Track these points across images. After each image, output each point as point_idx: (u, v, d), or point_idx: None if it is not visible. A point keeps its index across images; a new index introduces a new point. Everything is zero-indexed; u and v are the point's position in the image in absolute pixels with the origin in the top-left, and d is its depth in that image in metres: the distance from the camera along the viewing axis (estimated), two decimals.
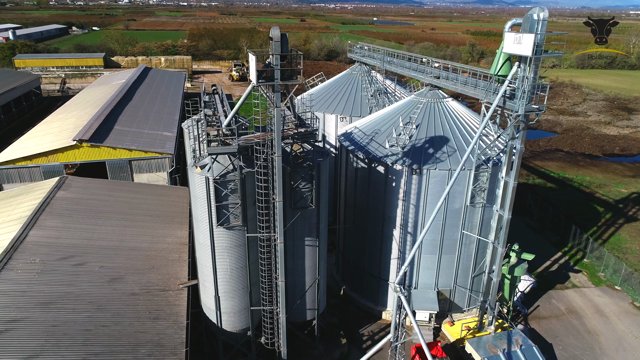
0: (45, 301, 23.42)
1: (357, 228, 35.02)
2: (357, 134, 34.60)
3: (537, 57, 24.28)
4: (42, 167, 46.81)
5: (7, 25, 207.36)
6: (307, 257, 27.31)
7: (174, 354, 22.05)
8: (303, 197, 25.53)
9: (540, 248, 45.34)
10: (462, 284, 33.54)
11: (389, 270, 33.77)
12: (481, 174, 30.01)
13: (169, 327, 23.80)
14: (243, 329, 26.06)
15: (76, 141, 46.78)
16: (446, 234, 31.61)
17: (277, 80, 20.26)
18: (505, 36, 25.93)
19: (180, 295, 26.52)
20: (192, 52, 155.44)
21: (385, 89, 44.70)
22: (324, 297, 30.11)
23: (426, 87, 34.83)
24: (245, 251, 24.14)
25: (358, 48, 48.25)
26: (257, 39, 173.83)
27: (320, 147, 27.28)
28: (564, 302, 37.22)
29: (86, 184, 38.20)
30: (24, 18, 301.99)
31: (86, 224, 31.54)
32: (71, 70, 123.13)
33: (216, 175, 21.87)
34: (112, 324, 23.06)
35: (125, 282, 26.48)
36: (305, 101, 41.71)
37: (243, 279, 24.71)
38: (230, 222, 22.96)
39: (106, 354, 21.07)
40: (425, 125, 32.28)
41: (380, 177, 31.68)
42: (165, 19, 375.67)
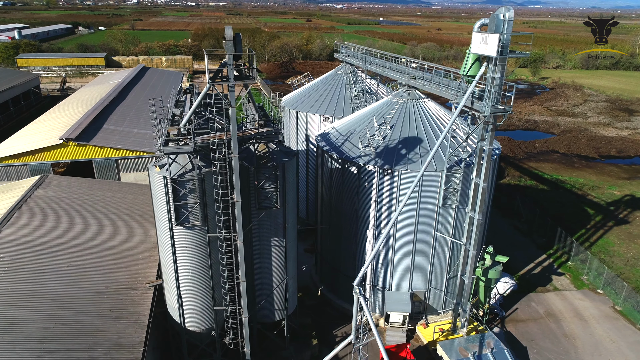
0: (7, 299, 23.59)
1: (333, 228, 34.93)
2: (334, 135, 34.49)
3: (502, 57, 24.03)
4: (29, 165, 47.26)
5: (13, 25, 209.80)
6: (274, 257, 27.26)
7: (130, 353, 22.11)
8: (268, 197, 25.47)
9: (525, 250, 44.99)
10: (437, 286, 33.30)
11: None
12: (453, 175, 29.76)
13: (129, 326, 23.87)
14: (207, 328, 26.08)
15: (63, 140, 47.21)
16: (419, 236, 31.41)
17: (231, 80, 20.22)
18: (473, 36, 25.68)
19: (146, 295, 26.60)
20: (194, 51, 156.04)
21: (369, 89, 44.54)
22: (293, 297, 30.03)
23: (403, 88, 34.65)
24: (207, 251, 24.14)
25: (344, 48, 48.08)
26: (259, 38, 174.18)
27: (287, 148, 27.26)
28: (543, 305, 36.82)
29: (67, 182, 38.46)
30: (32, 18, 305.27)
31: (61, 223, 31.74)
32: (72, 69, 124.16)
33: (174, 174, 21.89)
34: (72, 322, 23.17)
35: (92, 281, 26.61)
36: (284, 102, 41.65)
37: (205, 278, 24.72)
38: (189, 222, 22.98)
39: (62, 353, 21.17)
40: (399, 126, 32.10)
41: (354, 178, 31.56)
42: (171, 19, 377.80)
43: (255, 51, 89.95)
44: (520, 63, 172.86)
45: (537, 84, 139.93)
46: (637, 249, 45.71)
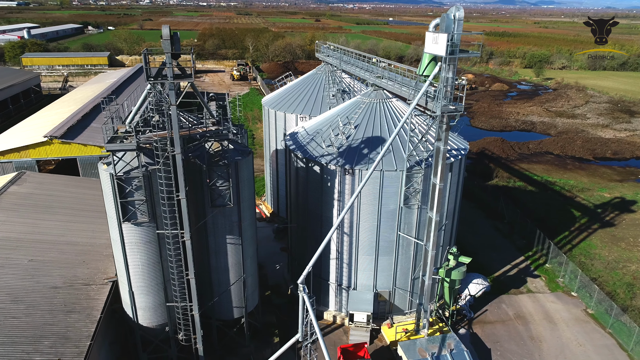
0: None
1: (300, 228, 35.05)
2: (302, 134, 34.62)
3: (452, 57, 23.94)
4: (15, 162, 48.09)
5: (24, 25, 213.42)
6: (229, 254, 27.48)
7: (76, 347, 22.48)
8: (221, 195, 25.70)
9: (504, 252, 44.65)
10: (402, 286, 33.23)
11: (329, 270, 33.69)
12: (414, 175, 29.69)
13: (80, 320, 24.26)
14: (160, 324, 26.38)
15: (47, 138, 47.99)
16: (382, 235, 31.37)
17: (170, 78, 20.47)
18: (426, 35, 25.63)
19: (102, 290, 27.00)
20: (198, 51, 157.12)
21: (348, 89, 44.58)
22: (253, 295, 30.22)
23: (371, 87, 34.65)
24: (157, 248, 24.44)
25: (324, 48, 48.16)
26: (263, 38, 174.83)
27: (243, 146, 27.44)
28: (513, 307, 36.53)
29: (42, 179, 39.14)
30: (44, 18, 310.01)
31: (29, 219, 32.33)
32: (76, 68, 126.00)
33: (119, 171, 22.21)
34: (22, 315, 23.63)
35: (50, 276, 27.08)
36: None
37: (156, 275, 25.01)
38: (137, 219, 23.29)
39: (7, 345, 21.62)
40: (364, 126, 32.11)
41: (317, 177, 31.64)
42: (181, 19, 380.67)
43: (259, 51, 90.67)
44: (525, 64, 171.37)
45: (541, 85, 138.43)
46: (619, 252, 45.09)
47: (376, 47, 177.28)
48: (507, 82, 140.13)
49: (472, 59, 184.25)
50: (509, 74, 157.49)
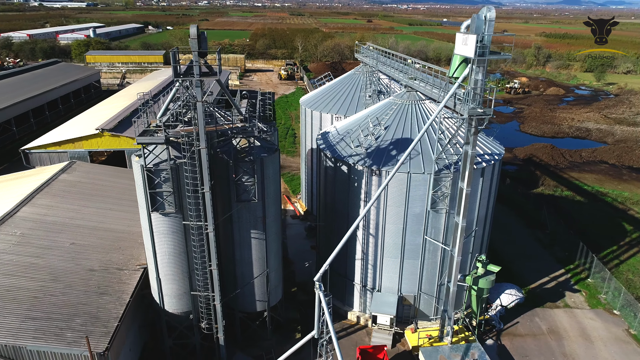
0: (9, 269, 26.26)
1: (328, 227, 35.27)
2: (333, 134, 34.84)
3: (481, 58, 23.33)
4: (70, 152, 51.59)
5: (90, 25, 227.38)
6: (253, 249, 28.15)
7: (105, 327, 23.91)
8: (246, 190, 26.41)
9: (542, 263, 42.77)
10: (428, 291, 32.66)
11: (354, 270, 33.70)
12: (443, 179, 29.13)
13: (111, 302, 25.75)
14: (184, 312, 27.47)
15: (98, 130, 51.10)
16: (408, 239, 31.01)
17: (196, 76, 21.32)
18: (456, 37, 25.11)
19: (134, 275, 28.50)
20: (248, 51, 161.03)
21: (385, 90, 44.31)
22: (276, 290, 30.78)
23: (405, 89, 34.31)
24: (183, 238, 25.48)
25: (364, 49, 48.08)
26: (312, 38, 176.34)
27: (270, 144, 28.03)
28: (547, 321, 34.93)
29: (90, 169, 41.72)
30: (110, 18, 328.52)
31: (75, 205, 34.61)
32: (134, 66, 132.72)
33: (149, 163, 23.39)
34: (60, 294, 25.40)
35: (88, 259, 28.90)
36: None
37: (182, 264, 26.08)
38: (165, 209, 24.40)
39: (43, 319, 23.34)
40: (394, 127, 31.88)
41: (345, 177, 31.75)
42: (236, 19, 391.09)
43: (307, 51, 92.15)
44: (585, 67, 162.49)
45: (601, 90, 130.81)
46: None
47: (426, 48, 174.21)
48: (564, 86, 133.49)
49: (528, 62, 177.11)
50: (566, 77, 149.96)
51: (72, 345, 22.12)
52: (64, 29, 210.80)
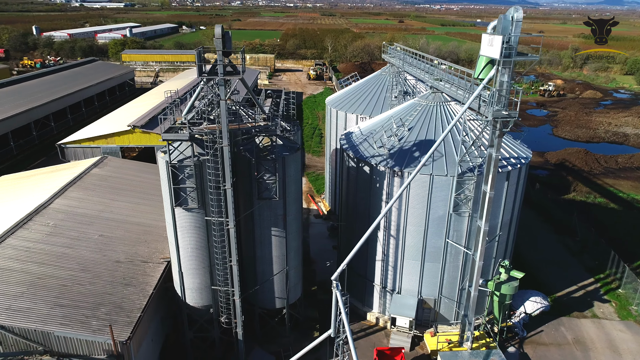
0: (41, 258, 27.45)
1: (349, 227, 35.29)
2: (356, 135, 34.84)
3: (506, 60, 22.89)
4: (102, 148, 53.34)
5: (127, 24, 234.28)
6: (274, 246, 28.48)
7: (128, 316, 24.67)
8: (267, 188, 26.76)
9: (570, 271, 41.52)
10: (448, 295, 32.24)
11: (374, 271, 33.60)
12: (466, 181, 28.71)
13: (134, 293, 26.55)
14: (205, 305, 28.04)
15: (130, 127, 52.66)
16: (429, 241, 30.70)
17: (221, 75, 21.76)
18: (482, 37, 24.70)
19: (158, 268, 29.28)
20: (279, 51, 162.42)
21: (412, 91, 43.98)
22: (295, 288, 31.02)
23: (430, 90, 33.98)
24: (205, 233, 26.02)
25: (391, 49, 47.84)
26: (342, 39, 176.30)
27: (292, 143, 28.29)
28: (573, 331, 33.90)
29: (121, 164, 43.07)
30: (146, 18, 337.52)
31: (104, 198, 35.83)
32: (167, 65, 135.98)
33: (173, 159, 24.02)
34: (87, 283, 26.37)
35: (115, 251, 29.88)
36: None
37: (203, 258, 26.64)
38: (188, 204, 25.00)
39: (70, 307, 24.28)
40: (418, 129, 31.62)
41: (367, 178, 31.71)
42: (267, 19, 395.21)
43: (337, 51, 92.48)
44: (626, 70, 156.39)
45: None
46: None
47: (458, 49, 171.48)
48: (602, 89, 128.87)
49: (564, 64, 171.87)
50: (605, 80, 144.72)
51: (96, 333, 22.93)
52: (102, 29, 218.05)
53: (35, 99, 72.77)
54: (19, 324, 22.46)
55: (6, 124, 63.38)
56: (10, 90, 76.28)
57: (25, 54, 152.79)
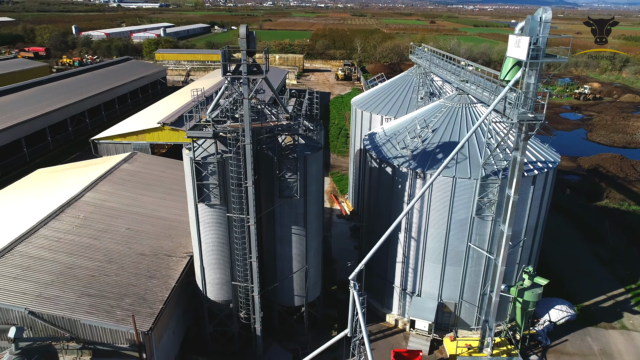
0: (71, 249, 28.58)
1: (370, 228, 35.23)
2: (380, 135, 34.75)
3: (533, 61, 22.41)
4: (133, 144, 55.02)
5: (161, 24, 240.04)
6: (294, 244, 28.73)
7: (150, 308, 25.43)
8: (289, 186, 27.03)
9: (599, 280, 40.20)
10: (469, 300, 31.76)
11: (394, 273, 33.43)
12: (490, 185, 28.24)
13: (157, 286, 27.32)
14: (225, 300, 28.55)
15: (160, 124, 54.09)
16: (451, 244, 30.34)
17: (244, 74, 22.14)
18: (509, 38, 24.27)
19: (181, 262, 30.02)
20: (308, 51, 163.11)
21: (438, 92, 43.52)
22: (315, 287, 31.19)
23: (456, 92, 33.56)
24: (226, 229, 26.51)
25: (419, 50, 47.43)
26: (371, 39, 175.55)
27: (314, 142, 28.47)
28: (600, 342, 32.83)
29: (149, 160, 44.28)
30: (179, 18, 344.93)
31: (132, 193, 36.95)
32: (198, 64, 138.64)
33: (197, 156, 24.59)
34: (113, 275, 27.30)
35: (141, 244, 30.80)
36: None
37: (224, 254, 27.14)
38: (210, 200, 25.54)
39: (96, 297, 25.21)
40: (442, 130, 31.28)
41: (389, 179, 31.59)
42: (298, 20, 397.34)
43: (366, 52, 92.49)
44: None
45: None
46: None
47: (489, 50, 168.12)
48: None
49: (602, 66, 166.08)
50: None
51: (120, 323, 23.72)
52: (137, 29, 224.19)
53: (71, 96, 75.58)
54: (48, 310, 23.48)
55: (44, 119, 66.10)
56: (49, 87, 79.47)
57: (64, 52, 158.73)
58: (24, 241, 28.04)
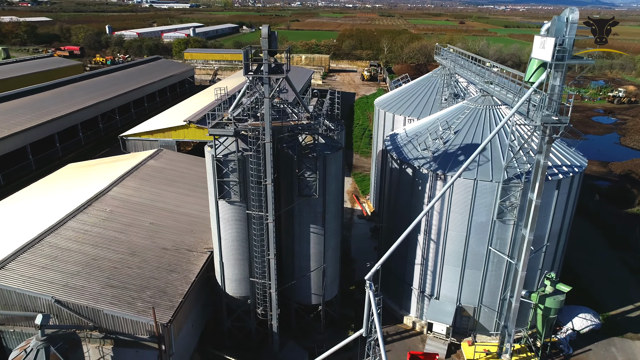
0: (96, 241, 29.53)
1: (390, 229, 35.10)
2: (401, 136, 34.60)
3: (558, 63, 21.94)
4: (160, 141, 56.29)
5: (191, 24, 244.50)
6: (312, 243, 28.91)
7: (170, 301, 26.05)
8: (308, 185, 27.23)
9: (627, 289, 38.94)
10: (489, 304, 31.27)
11: (412, 275, 33.22)
12: (512, 188, 27.76)
13: (178, 280, 27.96)
14: (243, 296, 28.97)
15: (186, 122, 55.19)
16: (471, 248, 29.97)
17: (265, 73, 22.44)
18: (534, 39, 23.82)
19: (201, 258, 30.62)
20: (334, 51, 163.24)
21: (462, 93, 42.97)
22: (332, 286, 31.29)
23: (480, 93, 33.10)
24: (245, 226, 26.91)
25: (444, 50, 46.95)
26: (398, 40, 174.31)
27: (335, 142, 28.59)
28: (625, 353, 31.80)
29: (175, 157, 45.25)
30: (209, 18, 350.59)
31: (157, 189, 37.88)
32: (225, 63, 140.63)
33: (219, 153, 25.06)
34: (136, 267, 28.07)
35: (163, 239, 31.56)
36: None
37: (243, 250, 27.55)
38: (230, 197, 25.98)
39: (119, 288, 25.99)
40: (465, 132, 30.93)
41: (409, 180, 31.42)
42: (325, 20, 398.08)
43: (393, 52, 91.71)
44: None
45: None
46: None
47: (520, 52, 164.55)
48: None
49: (639, 68, 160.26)
50: None
51: (140, 314, 24.39)
52: (167, 28, 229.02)
53: (103, 94, 77.92)
54: (73, 300, 24.34)
55: (76, 116, 68.38)
56: (82, 85, 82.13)
57: (98, 51, 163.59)
58: (53, 233, 29.13)
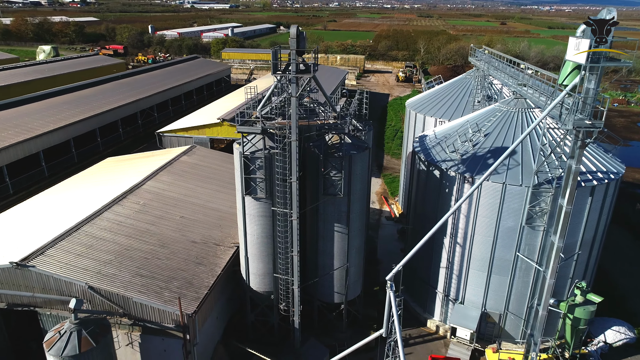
0: (130, 232, 30.78)
1: (416, 231, 34.83)
2: (430, 138, 34.31)
3: (593, 65, 21.25)
4: (194, 138, 57.81)
5: (229, 25, 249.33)
6: (335, 242, 29.11)
7: (196, 292, 26.86)
8: (333, 184, 27.46)
9: None
10: (515, 312, 30.59)
11: (437, 278, 32.89)
12: (542, 193, 27.06)
13: (204, 272, 28.78)
14: (266, 291, 29.49)
15: (219, 120, 56.47)
16: (498, 253, 29.42)
17: (293, 73, 22.81)
18: (569, 41, 23.16)
19: (228, 252, 31.37)
20: (370, 52, 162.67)
21: (496, 95, 42.10)
22: (355, 285, 31.39)
23: (512, 95, 32.40)
24: (270, 222, 27.40)
25: (479, 52, 46.11)
26: (435, 41, 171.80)
27: (361, 142, 28.68)
28: None
29: (207, 154, 46.46)
30: (247, 18, 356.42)
31: (189, 184, 39.02)
32: (261, 63, 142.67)
33: (246, 151, 25.64)
34: (165, 259, 29.09)
35: (192, 232, 32.53)
36: None
37: (267, 246, 28.06)
38: (257, 194, 26.52)
39: (148, 277, 27.02)
40: (495, 135, 30.37)
41: (436, 182, 31.14)
42: (362, 20, 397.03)
43: (429, 53, 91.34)
44: None
45: None
46: None
47: (563, 54, 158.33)
48: None
49: None
50: None
51: (167, 304, 25.27)
52: (207, 28, 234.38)
53: (142, 91, 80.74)
54: (105, 287, 25.48)
55: (117, 112, 71.19)
56: (124, 82, 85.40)
57: (140, 50, 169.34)
58: (89, 222, 30.56)
